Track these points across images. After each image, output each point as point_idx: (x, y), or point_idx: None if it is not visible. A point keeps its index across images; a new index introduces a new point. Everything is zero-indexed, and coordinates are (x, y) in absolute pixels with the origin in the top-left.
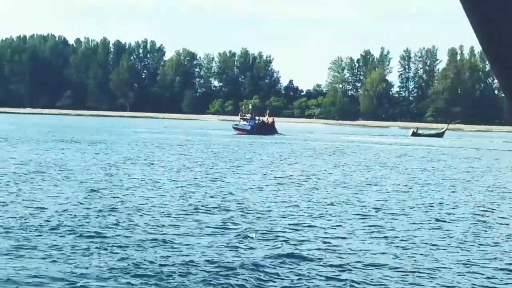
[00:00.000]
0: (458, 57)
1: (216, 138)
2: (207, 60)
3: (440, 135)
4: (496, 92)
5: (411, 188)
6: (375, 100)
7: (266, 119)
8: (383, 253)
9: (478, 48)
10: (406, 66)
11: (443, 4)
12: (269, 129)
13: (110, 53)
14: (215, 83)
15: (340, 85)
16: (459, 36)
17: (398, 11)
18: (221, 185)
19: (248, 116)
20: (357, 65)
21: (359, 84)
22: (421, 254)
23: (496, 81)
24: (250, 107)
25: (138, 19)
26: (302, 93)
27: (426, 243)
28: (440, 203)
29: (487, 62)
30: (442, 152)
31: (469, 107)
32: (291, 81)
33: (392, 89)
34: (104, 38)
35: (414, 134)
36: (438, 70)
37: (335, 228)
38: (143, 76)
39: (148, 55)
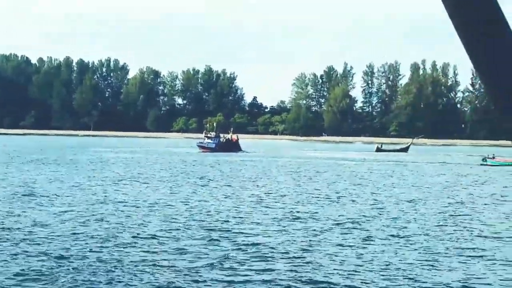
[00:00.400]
0: (421, 72)
1: (180, 156)
2: (170, 78)
3: (404, 150)
4: (458, 106)
5: (373, 203)
6: (338, 115)
7: (230, 136)
8: (339, 268)
9: (440, 63)
10: (369, 82)
11: (405, 20)
12: (234, 147)
13: (73, 72)
14: (179, 100)
15: (304, 101)
16: (422, 51)
17: (361, 27)
18: (184, 202)
19: (212, 134)
20: (320, 81)
21: (322, 100)
22: (375, 267)
23: (458, 95)
24: (214, 124)
25: (101, 38)
26: (266, 110)
27: (381, 257)
28: (399, 217)
29: (449, 77)
30: (406, 167)
31: (432, 122)
32: (255, 98)
33: (355, 104)
34: (67, 57)
35: (379, 149)
36: (401, 85)
37: (297, 243)
38: (107, 95)
39: (112, 74)
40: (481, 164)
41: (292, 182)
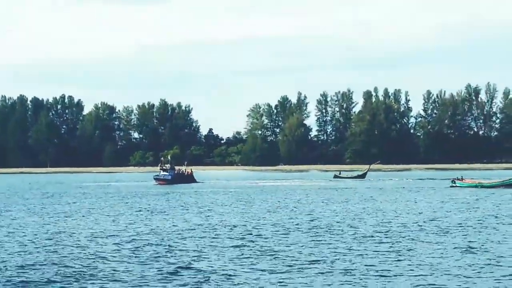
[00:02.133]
0: (373, 99)
1: (137, 189)
2: (126, 112)
3: (362, 176)
4: (412, 131)
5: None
6: (294, 144)
7: (185, 169)
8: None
9: (391, 90)
10: (323, 110)
11: (356, 49)
12: (188, 179)
13: (28, 110)
14: (135, 135)
15: (259, 131)
16: (373, 79)
17: (314, 58)
18: (143, 231)
19: (168, 166)
20: (275, 111)
21: (278, 130)
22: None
23: (410, 121)
24: (169, 157)
25: (55, 76)
26: (222, 141)
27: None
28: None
29: (401, 103)
30: (363, 193)
31: (386, 148)
32: (210, 130)
33: (310, 132)
34: (21, 96)
35: (336, 176)
36: (354, 112)
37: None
38: (63, 131)
39: (67, 111)
40: (451, 186)
41: (247, 211)
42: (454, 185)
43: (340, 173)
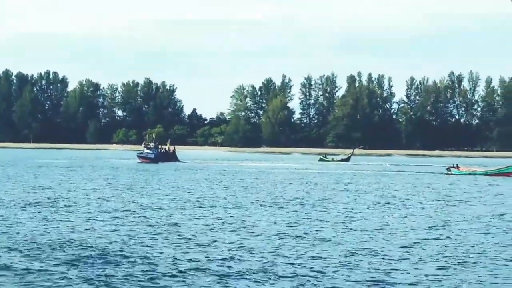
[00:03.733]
0: (357, 84)
1: (121, 166)
2: (110, 90)
3: (346, 160)
4: (394, 117)
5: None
6: (277, 127)
7: (168, 147)
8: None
9: (375, 75)
10: (307, 93)
11: (342, 34)
12: (171, 157)
13: (13, 85)
14: (119, 112)
15: (243, 113)
16: (357, 63)
17: (299, 41)
18: (128, 205)
19: (152, 145)
20: (259, 93)
21: (261, 112)
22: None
23: (393, 106)
24: (154, 136)
25: (41, 50)
26: (206, 121)
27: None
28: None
29: (384, 88)
30: (352, 177)
31: (368, 132)
32: (194, 110)
33: (293, 116)
34: (6, 70)
35: (322, 159)
36: (338, 96)
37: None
38: (47, 107)
39: (51, 87)
40: (446, 174)
41: (230, 189)
42: (449, 172)
43: (325, 156)
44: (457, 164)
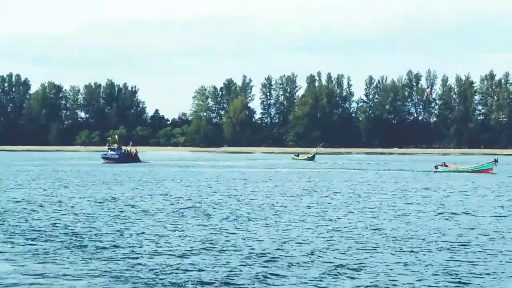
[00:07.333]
0: (317, 84)
1: (87, 167)
2: (73, 92)
3: (311, 158)
4: (353, 115)
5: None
6: (238, 127)
7: (130, 149)
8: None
9: (334, 74)
10: (268, 93)
11: (301, 35)
12: (134, 158)
13: None
14: (82, 114)
15: (205, 113)
16: (317, 63)
17: (259, 41)
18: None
19: (115, 146)
20: (220, 93)
21: (223, 112)
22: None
23: (352, 105)
24: (117, 137)
25: (3, 53)
26: (168, 122)
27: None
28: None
29: (344, 88)
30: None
31: (328, 131)
32: (157, 111)
33: (254, 115)
34: None
35: (294, 158)
36: (298, 96)
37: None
38: (9, 110)
39: (14, 89)
40: (435, 171)
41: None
42: (437, 170)
43: (298, 155)
44: (444, 163)
